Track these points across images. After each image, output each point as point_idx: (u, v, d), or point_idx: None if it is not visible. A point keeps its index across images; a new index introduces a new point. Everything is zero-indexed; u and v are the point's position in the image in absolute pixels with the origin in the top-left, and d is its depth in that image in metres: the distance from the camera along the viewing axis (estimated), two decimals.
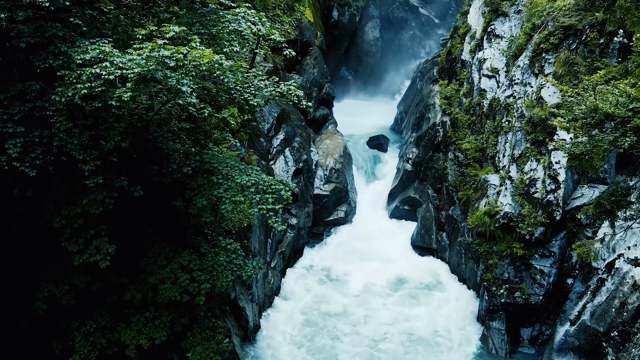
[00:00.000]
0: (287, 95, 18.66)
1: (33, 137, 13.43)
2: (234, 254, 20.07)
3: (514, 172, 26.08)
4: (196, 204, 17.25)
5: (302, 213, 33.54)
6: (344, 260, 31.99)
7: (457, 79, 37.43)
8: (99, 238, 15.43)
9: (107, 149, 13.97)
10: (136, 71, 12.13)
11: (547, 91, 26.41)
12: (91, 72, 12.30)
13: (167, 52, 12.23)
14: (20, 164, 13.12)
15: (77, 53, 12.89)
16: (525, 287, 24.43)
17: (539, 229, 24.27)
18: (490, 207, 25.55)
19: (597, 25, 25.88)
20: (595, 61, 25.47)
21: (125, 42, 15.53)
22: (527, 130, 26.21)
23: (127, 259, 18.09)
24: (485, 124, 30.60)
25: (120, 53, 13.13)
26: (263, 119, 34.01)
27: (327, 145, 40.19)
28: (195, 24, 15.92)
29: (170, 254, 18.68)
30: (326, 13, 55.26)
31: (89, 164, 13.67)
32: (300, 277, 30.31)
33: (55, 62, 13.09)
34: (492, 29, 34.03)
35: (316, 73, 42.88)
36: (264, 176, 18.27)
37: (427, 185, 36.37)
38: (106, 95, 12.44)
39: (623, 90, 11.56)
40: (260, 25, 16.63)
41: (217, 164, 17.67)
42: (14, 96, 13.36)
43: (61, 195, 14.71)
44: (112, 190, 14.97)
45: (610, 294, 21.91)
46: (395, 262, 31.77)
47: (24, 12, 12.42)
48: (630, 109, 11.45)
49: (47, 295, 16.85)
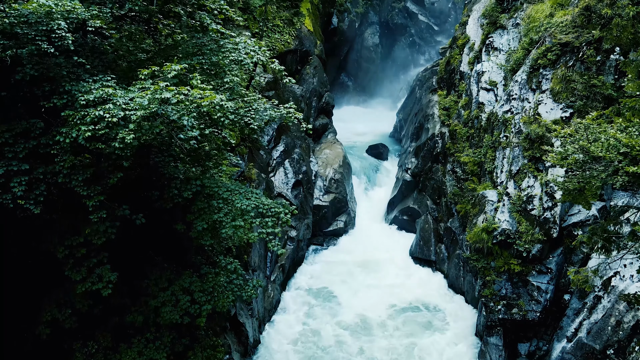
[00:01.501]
0: (286, 118, 18.89)
1: (37, 174, 13.68)
2: (234, 274, 20.33)
3: (511, 189, 26.31)
4: (196, 227, 17.50)
5: (301, 225, 33.77)
6: (342, 276, 31.90)
7: (455, 90, 37.64)
8: (102, 266, 15.66)
9: (110, 185, 14.21)
10: (139, 114, 12.36)
11: (545, 107, 26.65)
12: (95, 115, 12.54)
13: (169, 93, 12.45)
14: (25, 202, 13.36)
15: (81, 93, 13.13)
16: (523, 304, 24.66)
17: (536, 246, 24.50)
18: (487, 223, 25.78)
19: (593, 43, 26.08)
20: (592, 78, 25.69)
21: (126, 71, 15.77)
22: (525, 147, 26.43)
23: (128, 280, 18.35)
24: (483, 137, 30.83)
25: (123, 91, 13.36)
26: (263, 131, 34.23)
27: (327, 155, 40.40)
28: (196, 53, 16.15)
29: (172, 276, 18.95)
30: (326, 20, 55.49)
31: (93, 199, 13.92)
32: (297, 297, 30.24)
33: (59, 101, 13.34)
34: (490, 41, 34.25)
35: (316, 82, 43.06)
36: (263, 199, 18.50)
37: (426, 196, 36.60)
38: (110, 135, 12.67)
39: (613, 135, 11.78)
40: (260, 55, 16.88)
41: (217, 188, 17.90)
42: (18, 134, 13.61)
43: (64, 226, 14.94)
44: (114, 219, 15.20)
45: (606, 312, 22.16)
46: (394, 278, 31.75)
47: (28, 51, 12.64)
48: (621, 152, 11.69)
49: (50, 319, 17.09)
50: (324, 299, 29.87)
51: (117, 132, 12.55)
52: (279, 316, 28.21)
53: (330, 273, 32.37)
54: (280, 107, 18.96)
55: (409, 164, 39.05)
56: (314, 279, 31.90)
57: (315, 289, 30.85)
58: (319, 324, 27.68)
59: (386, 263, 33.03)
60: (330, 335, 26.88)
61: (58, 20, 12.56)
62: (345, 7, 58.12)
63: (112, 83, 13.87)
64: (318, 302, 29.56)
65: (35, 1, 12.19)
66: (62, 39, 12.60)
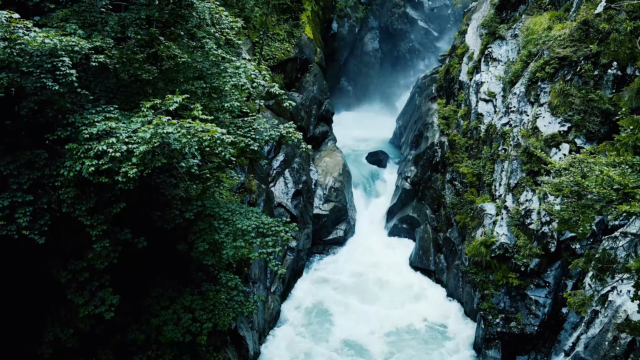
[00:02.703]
0: (286, 137, 19.07)
1: (41, 204, 13.88)
2: (235, 291, 20.54)
3: (509, 202, 26.50)
4: (198, 248, 17.69)
5: (301, 235, 33.95)
6: (341, 290, 31.88)
7: (455, 99, 37.83)
8: (104, 289, 15.86)
9: (113, 214, 14.41)
10: (142, 149, 12.54)
11: (543, 121, 26.82)
12: (98, 149, 12.73)
13: (171, 128, 12.63)
14: (29, 232, 13.56)
15: (85, 126, 13.33)
16: (521, 317, 24.87)
17: (534, 260, 24.70)
18: (486, 237, 25.97)
19: (591, 57, 26.23)
20: (589, 93, 25.84)
21: (129, 95, 15.95)
22: (523, 160, 26.60)
23: (130, 299, 18.53)
24: (482, 149, 31.00)
25: (126, 121, 13.55)
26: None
27: (327, 163, 40.56)
28: (197, 77, 16.33)
29: (173, 294, 19.15)
30: (326, 26, 55.67)
31: (96, 229, 14.12)
32: (297, 312, 30.14)
33: (63, 133, 13.53)
34: (489, 51, 34.42)
35: (315, 90, 43.23)
36: (263, 218, 18.69)
37: (426, 204, 36.80)
38: (113, 168, 12.86)
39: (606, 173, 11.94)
40: (260, 79, 17.07)
41: (218, 208, 18.09)
42: (23, 164, 13.80)
43: (68, 250, 15.13)
44: (116, 243, 15.39)
45: (603, 327, 22.33)
46: (394, 291, 31.77)
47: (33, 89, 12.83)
48: (614, 188, 11.88)
49: (52, 338, 17.28)
50: (323, 317, 29.54)
51: (120, 166, 12.74)
52: (279, 329, 28.40)
53: (330, 285, 32.44)
54: (280, 127, 19.14)
55: (408, 173, 39.23)
56: (314, 292, 31.84)
57: (314, 303, 30.70)
58: (317, 342, 27.63)
59: (386, 274, 33.08)
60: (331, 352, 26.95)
61: (62, 57, 12.75)
62: (345, 12, 58.32)
63: (115, 113, 14.06)
64: (317, 319, 29.41)
65: (39, 38, 12.36)
66: (66, 76, 12.80)
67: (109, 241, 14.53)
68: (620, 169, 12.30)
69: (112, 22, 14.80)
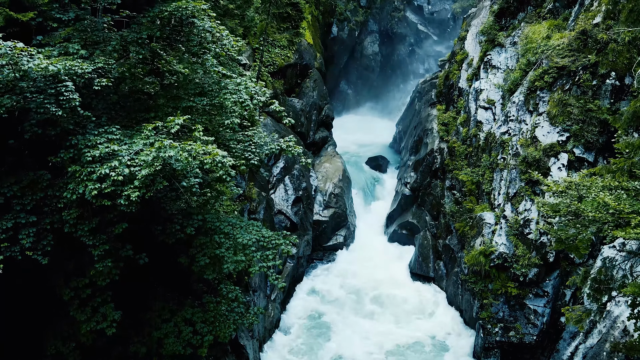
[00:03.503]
0: (286, 151, 19.22)
1: (44, 225, 14.03)
2: (235, 302, 20.67)
3: (508, 212, 26.65)
4: (199, 262, 17.82)
5: (301, 242, 34.07)
6: (340, 303, 31.56)
7: (454, 106, 37.97)
8: (106, 304, 16.00)
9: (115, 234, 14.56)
10: (144, 173, 12.69)
11: (542, 131, 26.96)
12: (101, 172, 12.88)
13: (173, 151, 12.77)
14: (33, 253, 13.71)
15: (87, 148, 13.46)
16: (520, 327, 25.03)
17: (532, 270, 24.85)
18: (485, 246, 26.12)
19: (589, 67, 26.38)
20: (588, 103, 26.00)
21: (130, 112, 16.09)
22: (522, 170, 26.74)
23: (132, 312, 18.66)
24: (481, 157, 31.14)
25: (128, 142, 13.69)
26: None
27: (327, 169, 40.67)
28: (198, 94, 16.48)
29: (174, 307, 19.27)
30: (326, 30, 55.84)
31: (99, 249, 14.26)
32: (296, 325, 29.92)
33: (66, 155, 13.67)
34: (488, 58, 34.56)
35: (315, 96, 43.35)
36: (264, 231, 18.83)
37: (425, 211, 36.95)
38: (115, 191, 13.00)
39: (602, 199, 12.09)
40: (261, 96, 17.22)
41: (218, 222, 18.21)
42: (26, 185, 13.95)
43: (70, 269, 15.28)
44: (118, 260, 15.52)
45: (602, 337, 22.48)
46: (393, 302, 31.67)
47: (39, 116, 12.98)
48: (611, 213, 12.03)
49: (54, 352, 17.40)
50: (320, 330, 29.37)
51: (123, 189, 12.89)
52: (278, 337, 28.50)
53: (328, 296, 32.27)
54: (280, 140, 19.28)
55: (408, 178, 39.38)
56: (312, 305, 31.65)
57: (311, 315, 30.55)
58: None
59: (385, 284, 33.09)
60: None
61: (66, 82, 12.90)
62: (345, 15, 58.45)
63: (117, 133, 14.19)
64: (314, 332, 29.26)
65: (43, 65, 12.49)
66: (69, 101, 12.94)
67: (111, 261, 14.66)
68: (616, 194, 12.45)
69: (114, 42, 14.93)
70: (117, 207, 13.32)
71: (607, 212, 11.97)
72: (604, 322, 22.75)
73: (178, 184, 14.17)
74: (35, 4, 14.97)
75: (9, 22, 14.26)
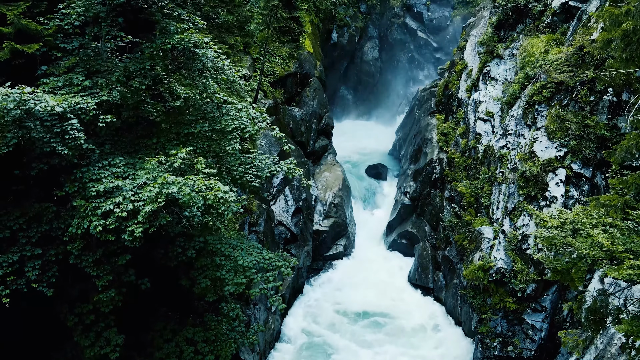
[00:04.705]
0: (287, 173, 19.45)
1: (50, 257, 14.28)
2: (236, 321, 20.95)
3: (507, 226, 26.87)
4: (200, 284, 18.08)
5: (301, 252, 34.31)
6: (339, 320, 31.48)
7: (453, 116, 38.20)
8: (109, 329, 16.24)
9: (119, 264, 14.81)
10: (147, 209, 12.94)
11: (540, 145, 27.18)
12: (105, 209, 13.13)
13: (175, 187, 13.01)
14: (38, 285, 13.97)
15: (91, 182, 13.71)
16: (518, 342, 25.27)
17: (530, 285, 25.09)
18: (484, 261, 26.35)
19: (587, 83, 26.57)
20: (585, 118, 26.20)
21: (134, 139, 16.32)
22: (520, 184, 26.96)
23: (133, 332, 18.91)
24: (480, 169, 31.37)
25: (132, 174, 13.95)
26: None
27: (327, 178, 40.88)
28: (199, 120, 16.74)
29: (175, 326, 19.54)
30: (326, 37, 56.08)
31: (102, 280, 14.51)
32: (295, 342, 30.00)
33: (71, 189, 13.92)
34: (487, 70, 34.78)
35: (315, 105, 43.56)
36: (264, 253, 19.10)
37: (424, 221, 37.19)
38: (120, 227, 13.25)
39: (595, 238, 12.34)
40: (261, 121, 17.46)
41: (220, 244, 18.48)
42: (32, 218, 14.20)
43: (74, 296, 15.53)
44: (120, 285, 15.77)
45: (599, 353, 22.68)
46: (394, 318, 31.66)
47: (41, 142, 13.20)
48: (604, 250, 12.26)
49: None
50: (321, 348, 29.28)
51: (127, 224, 13.14)
52: (279, 351, 28.71)
53: (328, 310, 32.26)
54: (281, 163, 19.52)
55: (407, 188, 39.61)
56: (312, 316, 31.72)
57: (308, 333, 30.48)
58: None
59: (385, 295, 33.26)
60: None
61: (71, 120, 13.15)
62: (345, 21, 58.69)
63: (121, 164, 14.44)
64: (316, 347, 29.29)
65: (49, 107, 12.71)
66: (75, 139, 13.19)
67: (114, 291, 14.92)
68: (610, 233, 12.70)
69: (117, 73, 15.16)
70: (122, 240, 13.55)
71: (601, 249, 12.22)
72: (602, 339, 22.97)
73: (180, 213, 14.38)
74: (40, 35, 15.19)
75: (14, 54, 14.50)
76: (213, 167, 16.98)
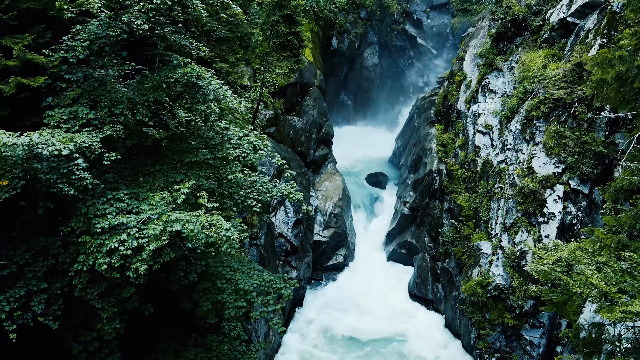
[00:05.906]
0: (288, 197, 19.71)
1: (55, 290, 14.55)
2: (237, 341, 21.20)
3: (505, 242, 27.13)
4: (202, 307, 18.33)
5: (302, 264, 34.57)
6: (338, 338, 31.56)
7: (452, 127, 38.44)
8: (113, 354, 16.50)
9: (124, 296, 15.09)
10: (152, 247, 13.22)
11: (538, 161, 27.44)
12: (110, 246, 13.41)
13: (179, 225, 13.29)
14: (44, 319, 14.24)
15: (97, 217, 13.98)
16: (516, 357, 25.57)
17: (528, 302, 25.37)
18: (482, 277, 26.63)
19: (585, 100, 26.82)
20: (583, 135, 26.45)
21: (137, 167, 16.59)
22: (519, 200, 27.22)
23: (136, 355, 19.18)
24: (479, 183, 31.63)
25: (136, 208, 14.21)
26: (264, 170, 34.99)
27: (327, 188, 41.11)
28: (200, 148, 17.00)
29: (178, 348, 19.79)
30: (325, 44, 56.25)
31: (107, 312, 14.78)
32: None
33: (76, 224, 14.19)
34: (486, 82, 35.02)
35: (316, 114, 43.80)
36: (265, 276, 19.32)
37: (424, 231, 37.45)
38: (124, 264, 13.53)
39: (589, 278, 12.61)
40: (263, 149, 17.72)
41: (221, 267, 18.70)
42: (37, 252, 14.47)
43: (79, 324, 15.80)
44: (123, 312, 16.03)
45: None
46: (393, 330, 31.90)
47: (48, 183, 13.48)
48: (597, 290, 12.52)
49: None
50: None
51: (131, 261, 13.41)
52: None
53: (327, 326, 32.34)
54: (282, 186, 19.77)
55: (407, 197, 39.86)
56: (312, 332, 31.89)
57: (311, 352, 30.51)
58: None
59: (384, 308, 33.42)
60: None
61: (77, 160, 13.41)
62: (344, 28, 58.86)
63: (125, 197, 14.69)
64: None
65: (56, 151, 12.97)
66: (81, 180, 13.46)
67: (118, 321, 15.18)
68: (603, 273, 12.94)
69: (121, 105, 15.41)
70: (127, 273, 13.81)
71: (595, 288, 12.48)
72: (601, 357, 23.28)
73: (183, 245, 14.65)
74: (45, 67, 15.44)
75: (20, 87, 14.74)
76: (215, 195, 17.26)
